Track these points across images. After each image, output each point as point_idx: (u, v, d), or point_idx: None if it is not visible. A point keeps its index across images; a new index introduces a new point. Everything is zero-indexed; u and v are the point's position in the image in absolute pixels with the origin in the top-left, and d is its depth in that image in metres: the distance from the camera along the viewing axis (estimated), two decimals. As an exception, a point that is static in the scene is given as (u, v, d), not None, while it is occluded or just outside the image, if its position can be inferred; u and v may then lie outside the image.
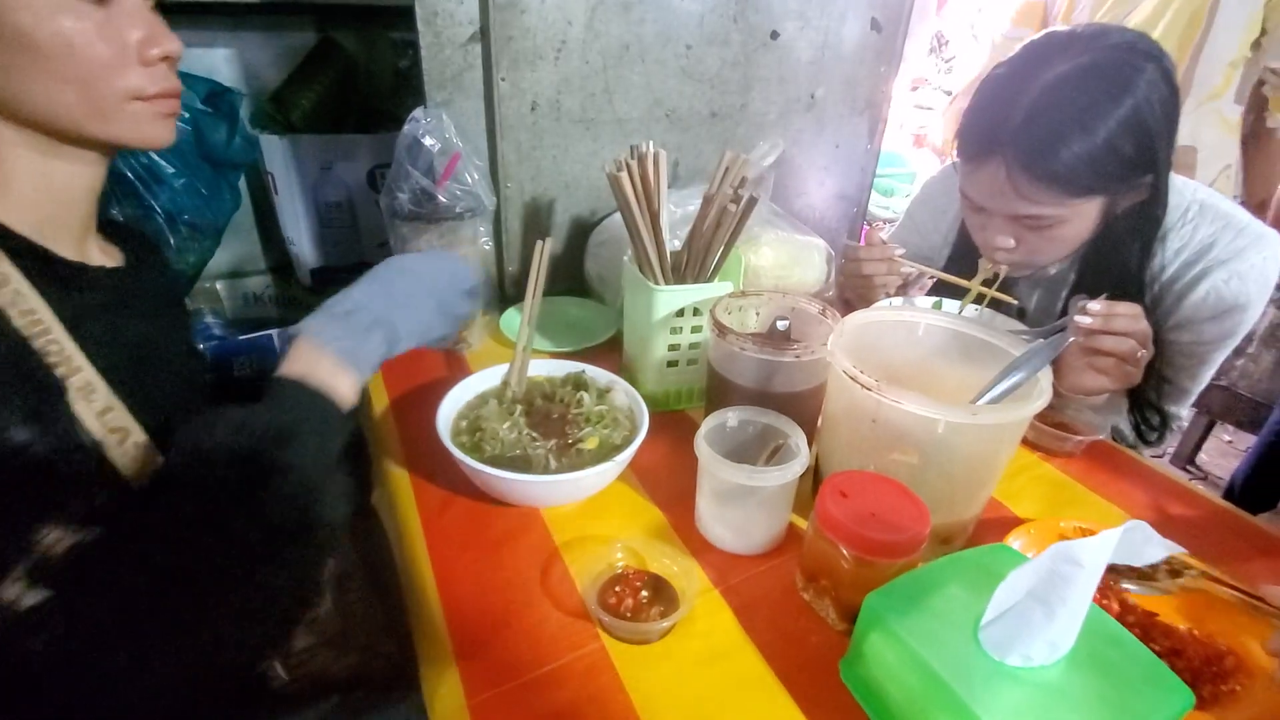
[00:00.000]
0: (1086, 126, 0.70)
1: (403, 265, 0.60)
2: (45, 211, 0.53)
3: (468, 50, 0.97)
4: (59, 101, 0.49)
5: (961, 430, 0.56)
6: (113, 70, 0.50)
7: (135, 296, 0.60)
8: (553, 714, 0.50)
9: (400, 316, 0.57)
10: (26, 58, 0.47)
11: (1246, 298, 0.82)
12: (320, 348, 0.52)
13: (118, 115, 0.52)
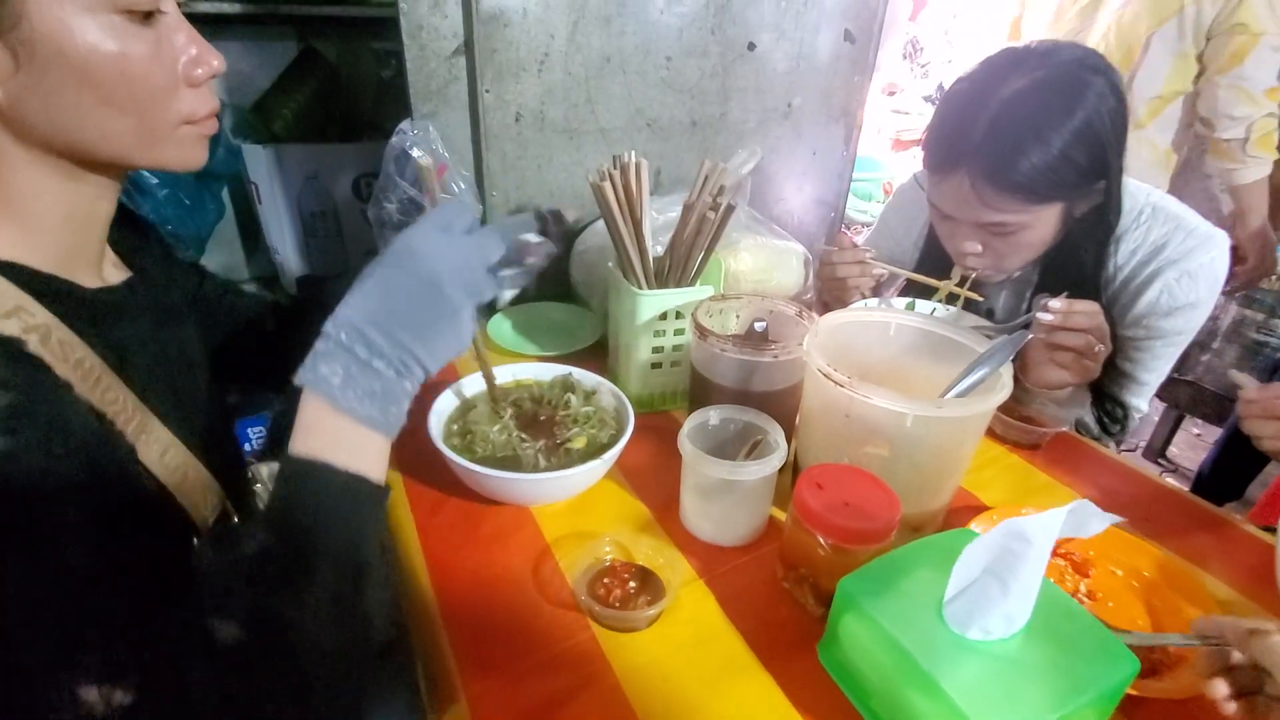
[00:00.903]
0: (1043, 138, 0.75)
1: (425, 266, 0.47)
2: (68, 242, 0.50)
3: (452, 63, 1.00)
4: (113, 131, 0.47)
5: (928, 423, 0.59)
6: (167, 95, 0.48)
7: (161, 307, 0.59)
8: (546, 700, 0.52)
9: (425, 344, 0.47)
10: (83, 91, 0.44)
11: (1197, 295, 0.86)
12: (339, 414, 0.44)
13: (169, 140, 0.49)
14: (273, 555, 0.42)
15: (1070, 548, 0.68)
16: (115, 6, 0.43)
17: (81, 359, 0.46)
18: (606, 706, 0.52)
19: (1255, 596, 0.63)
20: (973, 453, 0.67)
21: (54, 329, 0.45)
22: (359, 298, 0.46)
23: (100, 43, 0.43)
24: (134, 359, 0.51)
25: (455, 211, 0.51)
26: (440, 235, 0.48)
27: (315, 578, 0.42)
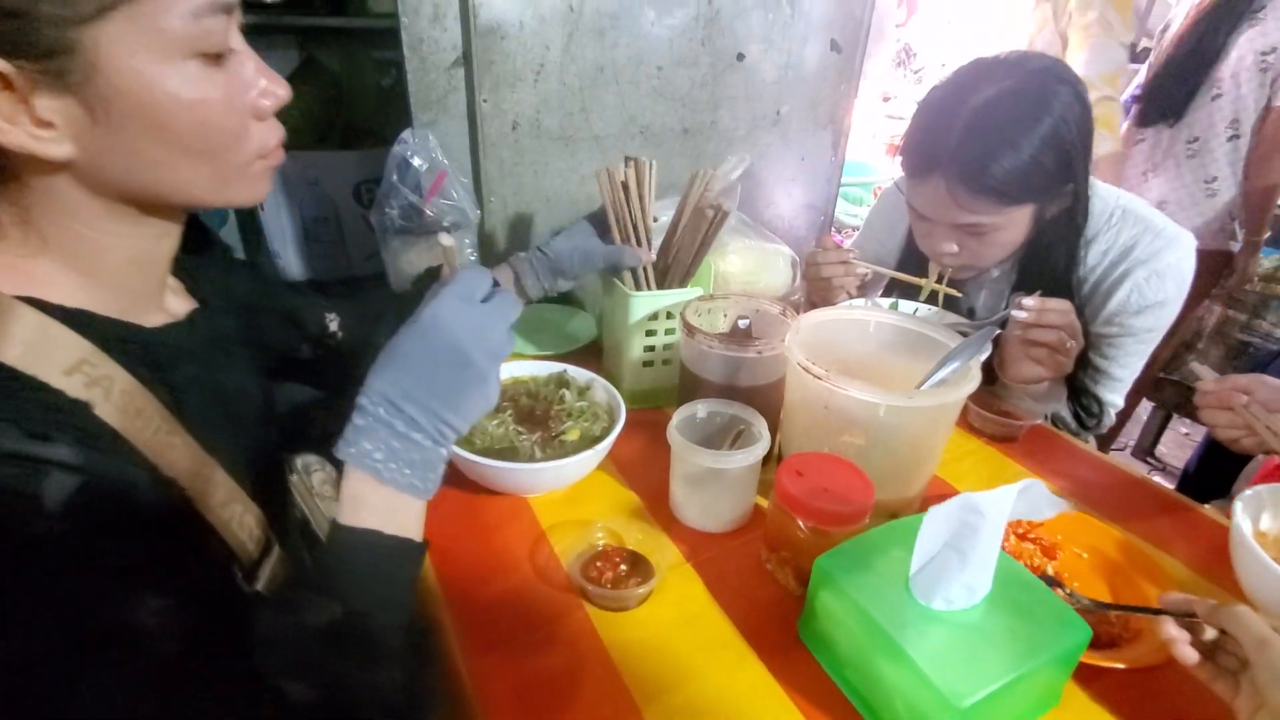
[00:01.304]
0: (1013, 143, 0.79)
1: (451, 337, 0.49)
2: (134, 283, 0.50)
3: (451, 74, 1.04)
4: (191, 178, 0.46)
5: (901, 413, 0.63)
6: (240, 136, 0.47)
7: (217, 338, 0.58)
8: (542, 674, 0.56)
9: (460, 415, 0.49)
10: (162, 141, 0.43)
11: (1165, 294, 0.90)
12: (384, 485, 0.47)
13: (241, 179, 0.49)
14: (340, 624, 0.44)
15: (1039, 533, 0.71)
16: (191, 52, 0.42)
17: (142, 408, 0.45)
18: (599, 679, 0.56)
19: (1211, 576, 0.67)
20: (945, 442, 0.71)
21: (116, 380, 0.44)
22: (392, 371, 0.47)
23: (179, 91, 0.42)
24: (191, 398, 0.50)
25: (475, 280, 0.52)
26: (463, 305, 0.50)
27: (376, 637, 0.45)
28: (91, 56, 0.39)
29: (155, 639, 0.39)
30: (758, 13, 1.22)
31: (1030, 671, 0.47)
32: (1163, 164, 1.60)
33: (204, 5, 0.41)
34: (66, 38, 0.38)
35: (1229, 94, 1.44)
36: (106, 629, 0.38)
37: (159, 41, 0.40)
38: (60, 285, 0.45)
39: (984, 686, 0.45)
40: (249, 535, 0.53)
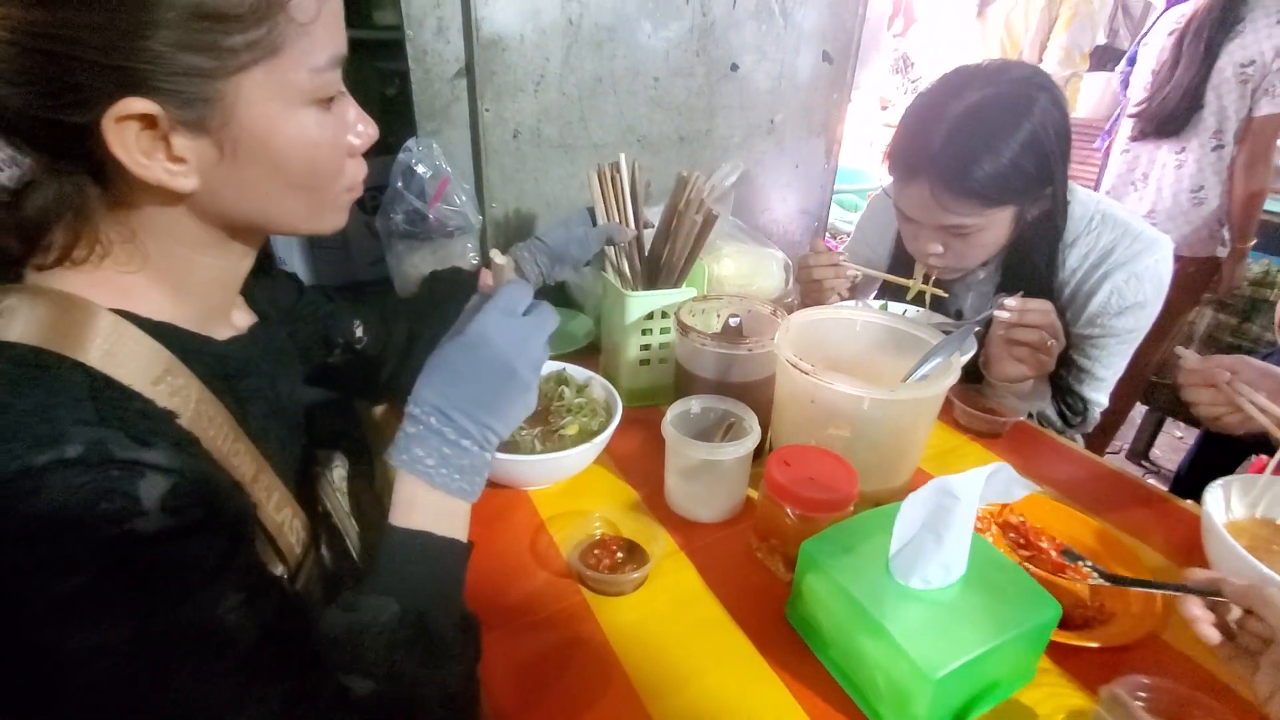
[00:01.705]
0: (994, 148, 0.82)
1: (496, 351, 0.52)
2: (213, 300, 0.54)
3: (454, 85, 1.07)
4: (291, 210, 0.49)
5: (883, 406, 0.66)
6: (340, 172, 0.50)
7: (273, 349, 0.61)
8: (542, 653, 0.59)
9: (504, 422, 0.53)
10: (276, 180, 0.47)
11: (1144, 296, 0.94)
12: (435, 489, 0.50)
13: (331, 210, 0.52)
14: (398, 620, 0.47)
15: (1020, 522, 0.74)
16: (311, 99, 0.46)
17: (214, 416, 0.48)
18: (595, 658, 0.59)
19: (1186, 564, 0.69)
20: (926, 435, 0.74)
21: (194, 391, 0.47)
22: (441, 383, 0.51)
23: (299, 134, 0.46)
24: (253, 409, 0.54)
25: (517, 294, 0.55)
26: (506, 320, 0.53)
27: (433, 634, 0.48)
28: (230, 103, 0.43)
29: (235, 632, 0.41)
30: (751, 25, 1.26)
31: (1001, 645, 0.50)
32: (1151, 174, 1.64)
33: (328, 61, 0.45)
34: (214, 88, 0.42)
35: (1211, 105, 1.48)
36: (193, 622, 0.40)
37: (287, 92, 0.45)
38: (149, 300, 0.48)
39: (956, 658, 0.48)
40: (297, 539, 0.57)
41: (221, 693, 0.40)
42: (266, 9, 0.42)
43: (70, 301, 0.43)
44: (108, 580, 0.38)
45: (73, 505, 0.37)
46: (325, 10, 0.45)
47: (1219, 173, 1.52)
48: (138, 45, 0.39)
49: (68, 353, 0.41)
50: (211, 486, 0.45)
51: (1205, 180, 1.54)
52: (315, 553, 0.61)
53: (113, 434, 0.39)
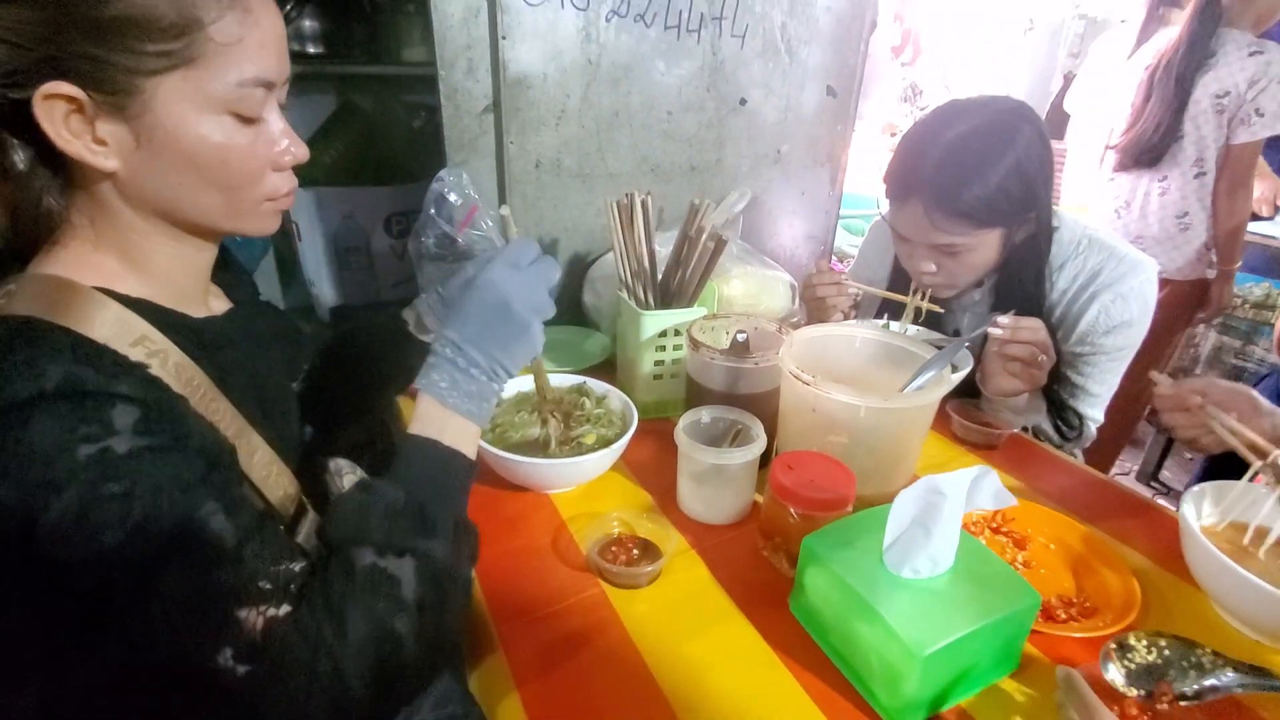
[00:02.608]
0: (982, 173, 0.89)
1: (501, 295, 0.62)
2: (180, 283, 0.60)
3: (482, 120, 1.16)
4: (205, 205, 0.56)
5: (879, 414, 0.72)
6: (256, 179, 0.57)
7: (251, 333, 0.68)
8: (564, 636, 0.64)
9: (509, 356, 0.62)
10: (189, 172, 0.54)
11: (1131, 315, 0.99)
12: (446, 408, 0.59)
13: (251, 214, 0.59)
14: (401, 501, 0.55)
15: (1011, 527, 0.79)
16: (226, 109, 0.53)
17: (191, 377, 0.55)
18: (612, 642, 0.64)
19: (1168, 566, 0.74)
20: (921, 442, 0.79)
21: (171, 353, 0.54)
22: (456, 322, 0.61)
23: (209, 135, 0.53)
24: (232, 378, 0.60)
25: (522, 248, 0.65)
26: (509, 270, 0.63)
27: (428, 517, 0.55)
28: (148, 98, 0.50)
29: (217, 534, 0.48)
30: (758, 63, 1.34)
31: (984, 628, 0.55)
32: (1135, 202, 1.70)
33: (246, 80, 0.53)
34: (133, 83, 0.49)
35: (1190, 135, 1.55)
36: (175, 526, 0.47)
37: (202, 98, 0.52)
38: (124, 279, 0.56)
39: (942, 639, 0.53)
40: (285, 494, 0.64)
41: (211, 586, 0.47)
42: (185, 27, 0.49)
43: (59, 281, 0.52)
44: (92, 495, 0.45)
45: (56, 432, 0.45)
46: (250, 38, 0.52)
47: (1202, 199, 1.57)
48: (65, 40, 0.47)
49: (54, 319, 0.49)
50: (180, 414, 0.51)
51: (1190, 206, 1.59)
52: (318, 516, 0.68)
53: (85, 370, 0.47)
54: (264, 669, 0.47)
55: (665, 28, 1.23)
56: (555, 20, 1.13)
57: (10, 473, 0.44)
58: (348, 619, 0.49)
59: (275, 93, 0.57)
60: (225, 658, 0.47)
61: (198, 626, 0.47)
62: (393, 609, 0.51)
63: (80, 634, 0.47)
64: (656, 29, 1.22)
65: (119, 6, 0.48)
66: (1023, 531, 0.78)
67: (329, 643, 0.48)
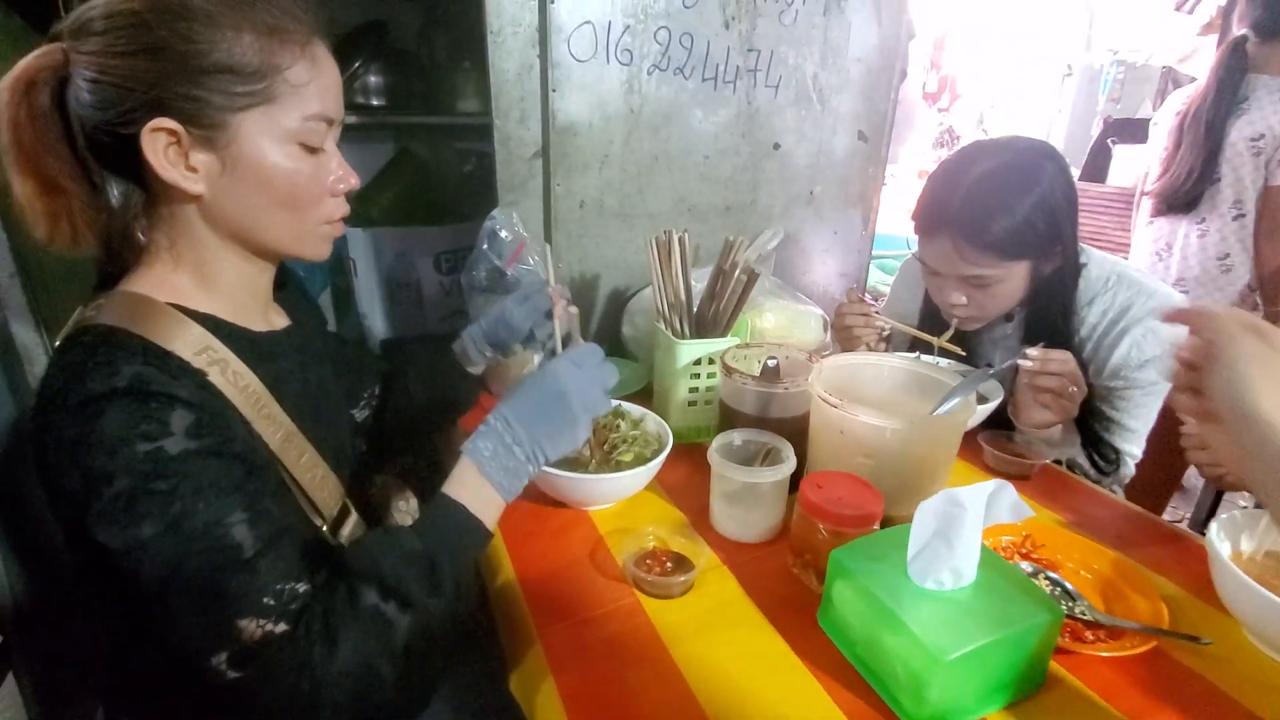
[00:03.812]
0: (1009, 207, 0.93)
1: (561, 387, 0.68)
2: (242, 299, 0.68)
3: (531, 164, 1.25)
4: (273, 224, 0.64)
5: (904, 437, 0.75)
6: (317, 202, 0.65)
7: (307, 349, 0.76)
8: (601, 640, 0.68)
9: (552, 445, 0.67)
10: (263, 195, 0.62)
11: (1163, 349, 1.00)
12: (482, 476, 0.64)
13: (310, 237, 0.67)
14: (417, 553, 0.60)
15: (1041, 553, 0.80)
16: (296, 140, 0.62)
17: (248, 384, 0.62)
18: (647, 648, 0.67)
19: (1200, 595, 0.74)
20: (948, 465, 0.82)
21: (230, 362, 0.61)
22: (515, 400, 0.67)
23: (281, 162, 0.62)
24: (285, 387, 0.67)
25: (587, 352, 0.72)
26: (574, 368, 0.70)
27: (438, 573, 0.59)
28: (233, 131, 0.59)
29: (238, 541, 0.54)
30: (791, 110, 1.42)
31: (1006, 638, 0.57)
32: (1176, 245, 1.69)
33: (312, 115, 0.62)
34: (223, 118, 0.59)
35: (1227, 178, 1.55)
36: (204, 526, 0.53)
37: (277, 130, 0.61)
38: (196, 296, 0.64)
39: (964, 645, 0.55)
40: (329, 495, 0.71)
41: (223, 591, 0.53)
42: (266, 71, 0.59)
43: (139, 297, 0.60)
44: (142, 488, 0.52)
45: (122, 426, 0.52)
46: (315, 82, 0.62)
47: (1243, 240, 1.57)
48: (171, 84, 0.56)
49: (133, 329, 0.56)
50: (228, 421, 0.58)
51: (1230, 248, 1.59)
52: (361, 519, 0.75)
53: (151, 371, 0.54)
54: (250, 678, 0.53)
55: (703, 79, 1.31)
56: (601, 74, 1.23)
57: (80, 460, 0.51)
58: (340, 646, 0.54)
59: (334, 129, 0.66)
60: (220, 660, 0.53)
61: (203, 626, 0.53)
62: (382, 650, 0.56)
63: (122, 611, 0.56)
64: (695, 81, 1.31)
65: (216, 56, 0.57)
66: (1052, 557, 0.79)
67: (315, 665, 0.53)
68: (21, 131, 0.57)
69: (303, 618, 0.55)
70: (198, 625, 0.53)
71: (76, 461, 0.51)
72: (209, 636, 0.53)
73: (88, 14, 0.56)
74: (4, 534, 1.17)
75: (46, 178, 0.59)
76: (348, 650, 0.54)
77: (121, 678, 0.71)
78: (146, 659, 0.66)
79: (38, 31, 1.19)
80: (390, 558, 0.58)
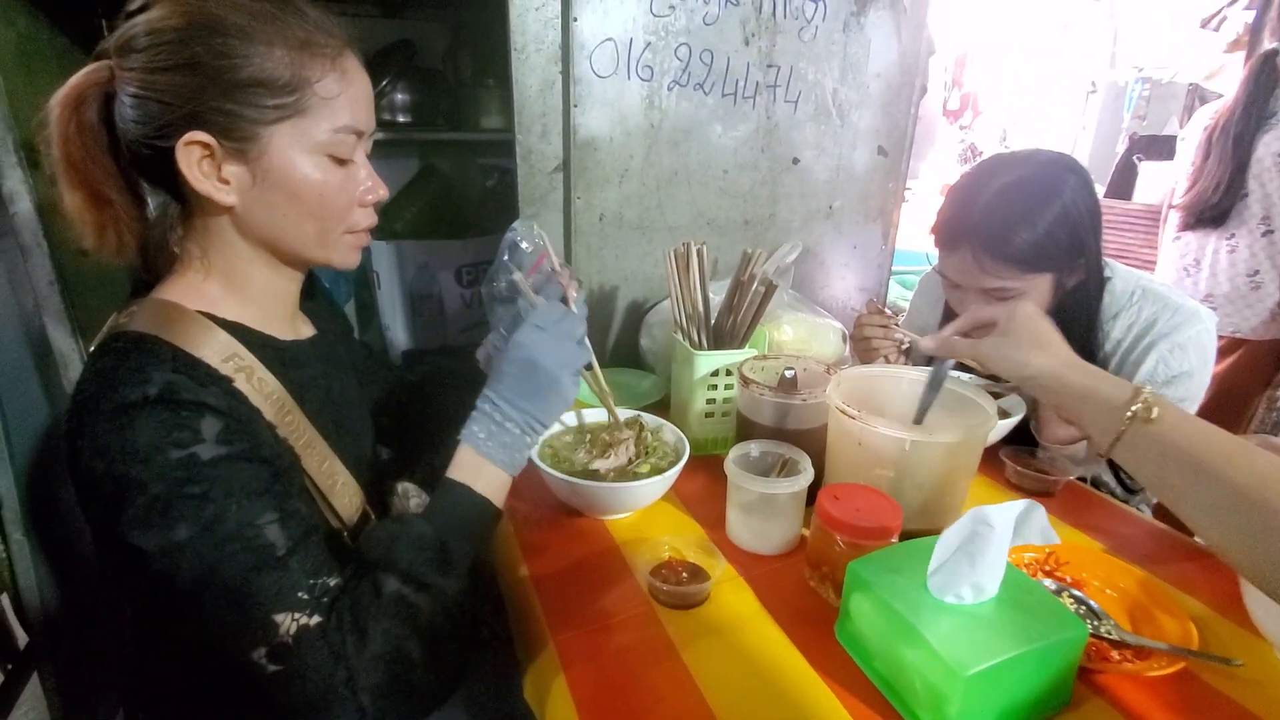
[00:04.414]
0: (1030, 220, 0.92)
1: (530, 355, 0.69)
2: (269, 308, 0.70)
3: (552, 178, 1.27)
4: (302, 234, 0.66)
5: (923, 449, 0.74)
6: (345, 212, 0.67)
7: (331, 358, 0.78)
8: (615, 648, 0.68)
9: (542, 409, 0.69)
10: (293, 205, 0.64)
11: (1189, 365, 0.98)
12: (481, 456, 0.66)
13: (336, 245, 0.68)
14: (429, 538, 0.61)
15: (1065, 570, 0.78)
16: (325, 151, 0.63)
17: (272, 391, 0.64)
18: (662, 656, 0.67)
19: (1229, 615, 0.72)
20: (969, 480, 0.80)
21: (256, 369, 0.63)
22: (495, 380, 0.70)
23: (311, 173, 0.63)
24: (309, 395, 0.69)
25: (546, 310, 0.73)
26: (536, 331, 0.71)
27: (450, 554, 0.61)
28: (265, 143, 0.61)
29: (270, 541, 0.55)
30: (811, 125, 1.42)
31: (1029, 654, 0.55)
32: (1204, 261, 1.67)
33: (341, 127, 0.64)
34: (255, 131, 0.60)
35: (1255, 193, 1.53)
36: (237, 528, 0.54)
37: (307, 142, 0.62)
38: (225, 304, 0.66)
39: (985, 660, 0.54)
40: (349, 500, 0.72)
41: (258, 588, 0.54)
42: (297, 85, 0.61)
43: (171, 304, 0.62)
44: (177, 493, 0.53)
45: (154, 434, 0.53)
46: (346, 93, 0.63)
47: (1272, 257, 1.54)
48: (206, 98, 0.58)
49: (163, 336, 0.58)
50: (256, 427, 0.60)
51: (1260, 265, 1.56)
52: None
53: (181, 379, 0.56)
54: (289, 670, 0.54)
55: (722, 95, 1.33)
56: (622, 90, 1.24)
57: (113, 466, 0.53)
58: (370, 635, 0.55)
59: (363, 141, 0.68)
60: (259, 655, 0.54)
61: (241, 623, 0.54)
62: (408, 634, 0.57)
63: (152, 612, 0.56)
64: (714, 96, 1.32)
65: (250, 71, 0.59)
66: (1077, 575, 0.77)
67: (349, 655, 0.54)
68: (71, 145, 0.59)
69: (334, 609, 0.56)
70: (235, 623, 0.54)
71: (110, 467, 0.53)
72: (247, 633, 0.54)
73: (131, 31, 0.58)
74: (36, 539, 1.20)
75: (94, 190, 0.61)
76: (378, 637, 0.56)
77: (145, 680, 0.72)
78: (171, 661, 0.67)
79: (81, 49, 1.24)
80: (403, 545, 0.60)
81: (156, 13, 0.58)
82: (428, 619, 0.58)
